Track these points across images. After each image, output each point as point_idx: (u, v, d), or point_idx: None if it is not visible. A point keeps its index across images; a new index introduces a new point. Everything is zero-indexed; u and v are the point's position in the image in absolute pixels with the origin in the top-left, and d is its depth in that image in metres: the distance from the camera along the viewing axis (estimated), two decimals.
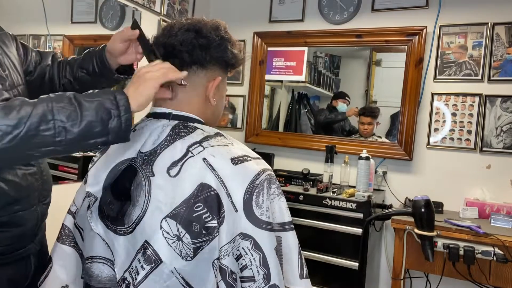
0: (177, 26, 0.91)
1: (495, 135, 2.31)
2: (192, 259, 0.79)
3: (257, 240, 0.79)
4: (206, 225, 0.79)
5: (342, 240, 2.18)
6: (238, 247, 0.79)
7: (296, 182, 2.53)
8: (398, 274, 2.06)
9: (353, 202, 2.16)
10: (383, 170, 2.58)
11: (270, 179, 0.84)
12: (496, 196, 2.27)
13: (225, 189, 0.80)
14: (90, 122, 0.75)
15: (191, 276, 0.80)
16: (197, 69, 0.90)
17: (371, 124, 2.72)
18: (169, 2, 2.65)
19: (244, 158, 0.85)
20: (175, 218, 0.80)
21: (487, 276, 1.91)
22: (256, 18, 2.97)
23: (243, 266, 0.79)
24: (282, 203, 0.85)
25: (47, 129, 0.72)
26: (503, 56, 2.30)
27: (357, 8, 2.66)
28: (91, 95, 0.78)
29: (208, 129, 0.90)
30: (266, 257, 0.79)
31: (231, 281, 0.78)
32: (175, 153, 0.84)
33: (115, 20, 2.30)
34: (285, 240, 0.84)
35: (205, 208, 0.80)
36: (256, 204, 0.80)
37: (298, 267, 0.84)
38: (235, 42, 0.94)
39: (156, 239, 0.80)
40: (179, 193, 0.81)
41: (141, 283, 0.80)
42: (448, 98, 2.43)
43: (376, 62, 2.78)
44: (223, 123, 3.10)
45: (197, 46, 0.88)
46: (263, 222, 0.80)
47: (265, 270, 0.78)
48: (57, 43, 2.08)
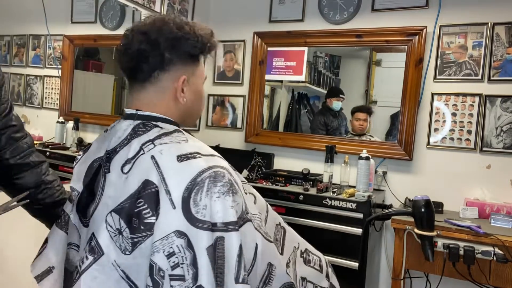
0: (130, 37, 0.91)
1: (495, 135, 2.31)
2: (131, 253, 0.82)
3: (190, 238, 0.78)
4: (145, 221, 0.81)
5: (342, 240, 2.18)
6: (171, 244, 0.78)
7: (296, 182, 2.52)
8: (398, 274, 2.06)
9: (353, 202, 2.16)
10: (383, 170, 2.58)
11: (215, 177, 0.82)
12: (496, 196, 2.26)
13: (164, 186, 0.81)
14: None
15: (130, 270, 0.82)
16: (158, 74, 0.91)
17: (366, 120, 2.73)
18: (169, 2, 2.65)
19: (192, 155, 0.84)
20: (119, 212, 0.83)
21: (487, 276, 1.91)
22: (256, 18, 2.97)
23: (175, 264, 0.77)
24: (227, 202, 0.81)
25: None
26: (503, 56, 2.30)
27: (357, 8, 2.66)
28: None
29: (168, 126, 0.91)
30: (197, 257, 0.77)
31: (157, 278, 0.77)
32: (129, 151, 0.87)
33: (115, 20, 2.31)
34: (228, 241, 0.79)
35: (145, 204, 0.81)
36: (193, 202, 0.79)
37: (235, 270, 0.78)
38: (196, 31, 0.92)
39: (100, 232, 0.85)
40: (126, 189, 0.84)
41: (85, 272, 0.84)
42: (448, 98, 2.43)
43: (376, 62, 2.78)
44: (223, 123, 3.10)
45: (150, 54, 0.89)
46: (197, 221, 0.79)
47: (194, 270, 0.77)
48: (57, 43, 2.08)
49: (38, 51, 2.08)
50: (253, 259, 0.86)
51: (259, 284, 0.89)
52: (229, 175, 0.85)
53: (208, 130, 3.16)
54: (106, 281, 0.83)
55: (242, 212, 0.84)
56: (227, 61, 3.08)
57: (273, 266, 0.91)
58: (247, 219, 0.86)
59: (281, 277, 0.93)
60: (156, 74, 0.91)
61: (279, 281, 0.93)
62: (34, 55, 2.08)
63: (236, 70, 3.05)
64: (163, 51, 0.89)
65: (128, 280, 0.82)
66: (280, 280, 0.93)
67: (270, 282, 0.91)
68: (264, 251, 0.88)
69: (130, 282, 0.82)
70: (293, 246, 1.10)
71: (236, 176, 0.91)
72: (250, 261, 0.86)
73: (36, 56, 2.08)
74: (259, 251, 0.87)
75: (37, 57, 2.09)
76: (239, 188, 0.87)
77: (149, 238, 0.80)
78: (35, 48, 2.07)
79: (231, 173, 0.87)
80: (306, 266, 1.11)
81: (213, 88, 3.14)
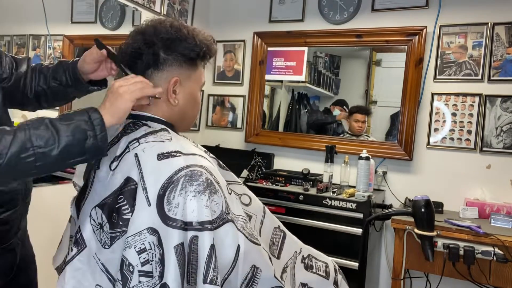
0: (129, 37, 0.95)
1: (495, 135, 2.31)
2: (109, 247, 0.84)
3: (161, 236, 0.79)
4: (123, 217, 0.83)
5: (342, 240, 2.19)
6: (144, 240, 0.79)
7: (296, 182, 2.52)
8: (398, 274, 2.06)
9: (353, 202, 2.16)
10: (383, 170, 2.58)
11: (191, 176, 0.82)
12: (496, 196, 2.27)
13: (142, 183, 0.83)
14: (67, 145, 0.80)
15: (109, 263, 0.85)
16: (152, 73, 0.93)
17: (365, 122, 2.73)
18: (169, 2, 2.65)
19: (173, 154, 0.86)
20: (102, 207, 0.87)
21: (487, 276, 1.91)
22: (256, 18, 2.97)
23: (146, 260, 0.78)
24: (202, 201, 0.81)
25: (27, 156, 0.77)
26: (503, 56, 2.30)
27: (357, 8, 2.66)
28: (67, 118, 0.82)
29: (156, 125, 0.93)
30: (164, 255, 0.78)
31: (126, 273, 0.79)
32: (118, 149, 0.90)
33: (115, 20, 2.31)
34: (201, 240, 0.80)
35: (125, 201, 0.84)
36: (167, 200, 0.81)
37: (204, 271, 0.79)
38: (194, 35, 0.94)
39: (85, 226, 0.88)
40: (111, 185, 0.87)
41: (70, 262, 0.88)
42: (448, 98, 2.43)
43: (376, 62, 2.78)
44: (223, 123, 3.10)
45: (144, 52, 0.92)
46: (169, 219, 0.80)
47: (161, 267, 0.78)
48: (57, 43, 2.08)
49: (38, 51, 2.08)
50: (234, 260, 0.86)
51: (241, 286, 0.88)
52: (208, 174, 0.85)
53: (208, 130, 3.16)
54: (89, 273, 0.86)
55: (222, 212, 0.84)
56: (227, 61, 3.08)
57: (258, 269, 0.90)
58: (228, 219, 0.85)
59: (268, 281, 0.92)
60: (150, 72, 0.93)
61: (266, 285, 0.92)
62: (34, 55, 2.08)
63: (236, 70, 3.05)
64: (158, 50, 0.91)
65: (108, 273, 0.84)
66: (266, 284, 0.92)
67: (254, 285, 0.90)
68: (247, 252, 0.88)
69: (110, 276, 0.84)
70: (294, 251, 1.10)
71: (221, 176, 0.91)
72: (230, 262, 0.85)
73: (36, 56, 2.08)
74: (242, 252, 0.86)
75: (37, 57, 2.09)
76: (220, 188, 0.87)
77: (126, 233, 0.82)
78: (35, 48, 2.07)
79: (211, 172, 0.87)
80: (307, 272, 1.10)
81: (213, 88, 3.14)
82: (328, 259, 1.20)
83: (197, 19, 2.94)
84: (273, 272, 0.94)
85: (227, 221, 0.85)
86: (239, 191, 1.03)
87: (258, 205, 1.05)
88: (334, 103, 2.89)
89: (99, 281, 0.85)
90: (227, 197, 0.89)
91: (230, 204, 0.88)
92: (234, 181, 1.04)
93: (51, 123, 0.80)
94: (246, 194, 1.05)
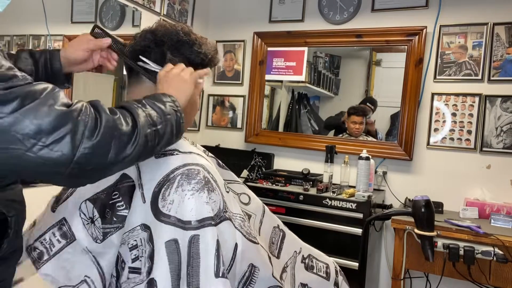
0: (138, 36, 0.95)
1: (495, 135, 2.31)
2: (101, 242, 0.85)
3: (152, 232, 0.79)
4: (118, 213, 0.84)
5: (342, 240, 2.18)
6: (136, 237, 0.79)
7: (296, 182, 2.52)
8: (398, 274, 2.06)
9: (353, 202, 2.16)
10: (383, 170, 2.58)
11: (188, 174, 0.82)
12: (496, 196, 2.26)
13: (139, 180, 0.83)
14: (172, 126, 0.78)
15: (101, 257, 0.85)
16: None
17: (363, 123, 2.72)
18: (169, 2, 2.65)
19: (170, 152, 0.86)
20: (94, 202, 0.87)
21: (487, 276, 1.91)
22: (256, 18, 2.97)
23: (136, 257, 0.79)
24: (201, 198, 0.80)
25: (151, 137, 0.74)
26: (503, 56, 2.30)
27: (357, 8, 2.66)
28: (158, 99, 0.79)
29: None
30: (155, 250, 0.77)
31: (119, 269, 0.80)
32: None
33: (115, 20, 2.31)
34: (203, 237, 0.79)
35: (120, 197, 0.84)
36: (162, 197, 0.80)
37: (214, 265, 0.78)
38: (201, 42, 0.96)
39: (74, 219, 0.88)
40: (105, 181, 0.86)
41: (57, 254, 0.88)
42: (448, 98, 2.43)
43: (376, 62, 2.78)
44: (223, 123, 3.10)
45: (152, 50, 0.92)
46: (162, 215, 0.79)
47: (150, 263, 0.77)
48: (57, 43, 2.08)
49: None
50: (232, 258, 0.86)
51: (238, 285, 0.88)
52: (206, 172, 0.85)
53: (208, 130, 3.16)
54: (78, 264, 0.86)
55: (219, 210, 0.84)
56: (227, 61, 3.08)
57: (256, 267, 0.90)
58: (225, 217, 0.85)
59: (266, 280, 0.92)
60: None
61: (264, 284, 0.92)
62: None
63: (236, 70, 3.05)
64: (166, 50, 0.92)
65: (98, 265, 0.85)
66: (264, 283, 0.92)
67: (252, 284, 0.90)
68: (245, 251, 0.88)
69: (99, 267, 0.85)
70: (294, 250, 1.09)
71: (218, 175, 0.91)
72: (229, 260, 0.85)
73: None
74: (239, 251, 0.87)
75: None
76: (218, 186, 0.87)
77: (120, 230, 0.83)
78: (35, 48, 2.07)
79: (208, 170, 0.86)
80: (308, 272, 1.10)
81: (213, 88, 3.14)
82: (329, 260, 1.20)
83: (197, 19, 2.94)
84: (271, 271, 0.94)
85: (225, 219, 0.85)
86: (238, 190, 1.03)
87: (257, 204, 1.05)
88: (362, 101, 2.81)
89: (88, 272, 0.85)
90: (225, 195, 0.88)
91: (227, 202, 0.88)
92: (234, 180, 1.04)
93: (154, 103, 0.77)
94: (245, 193, 1.04)
